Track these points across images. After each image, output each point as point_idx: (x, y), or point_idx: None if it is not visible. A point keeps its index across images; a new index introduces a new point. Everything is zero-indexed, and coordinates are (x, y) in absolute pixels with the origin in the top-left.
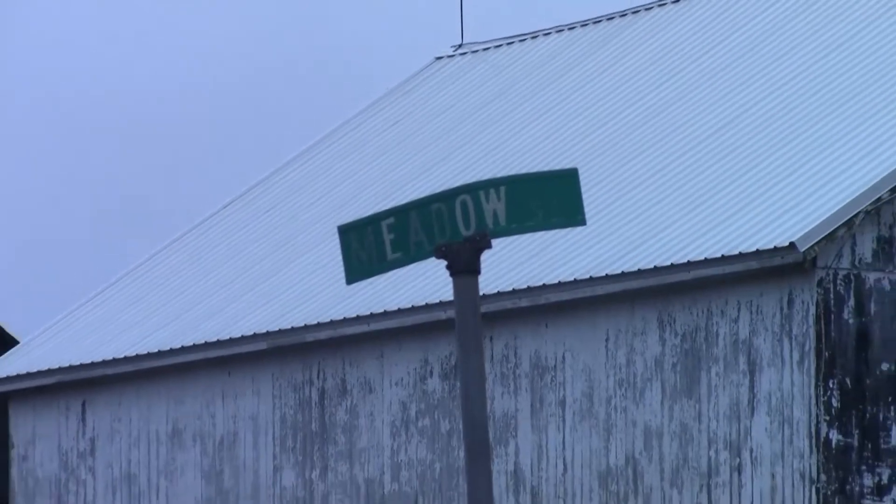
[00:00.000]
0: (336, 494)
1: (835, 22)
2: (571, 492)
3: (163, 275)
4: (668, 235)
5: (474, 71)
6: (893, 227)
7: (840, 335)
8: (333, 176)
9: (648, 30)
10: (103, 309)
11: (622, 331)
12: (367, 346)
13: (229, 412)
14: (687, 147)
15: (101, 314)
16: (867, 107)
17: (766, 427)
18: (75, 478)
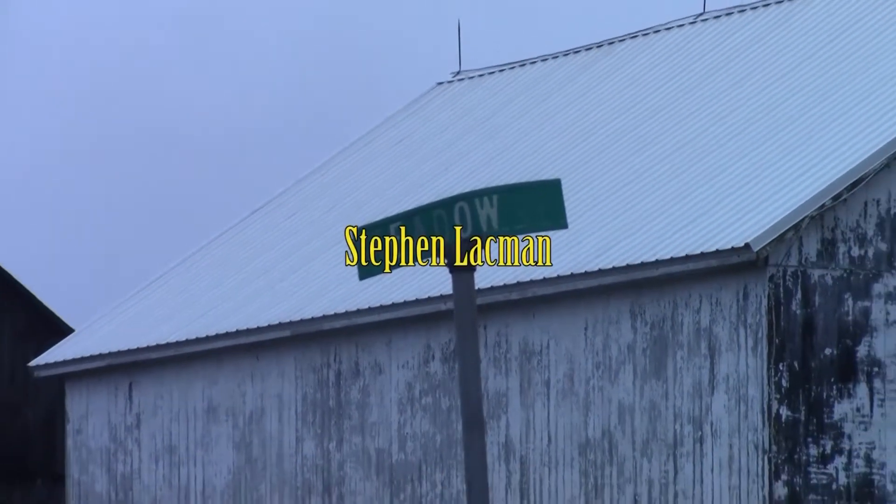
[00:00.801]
0: (350, 463)
1: (780, 55)
2: (555, 460)
3: (199, 272)
4: (638, 237)
5: (471, 94)
6: (835, 230)
7: (789, 324)
8: (346, 186)
9: (622, 58)
10: (147, 301)
11: (599, 320)
12: (377, 334)
13: (257, 391)
14: (655, 161)
15: (145, 306)
16: (809, 127)
17: (725, 404)
18: (123, 448)
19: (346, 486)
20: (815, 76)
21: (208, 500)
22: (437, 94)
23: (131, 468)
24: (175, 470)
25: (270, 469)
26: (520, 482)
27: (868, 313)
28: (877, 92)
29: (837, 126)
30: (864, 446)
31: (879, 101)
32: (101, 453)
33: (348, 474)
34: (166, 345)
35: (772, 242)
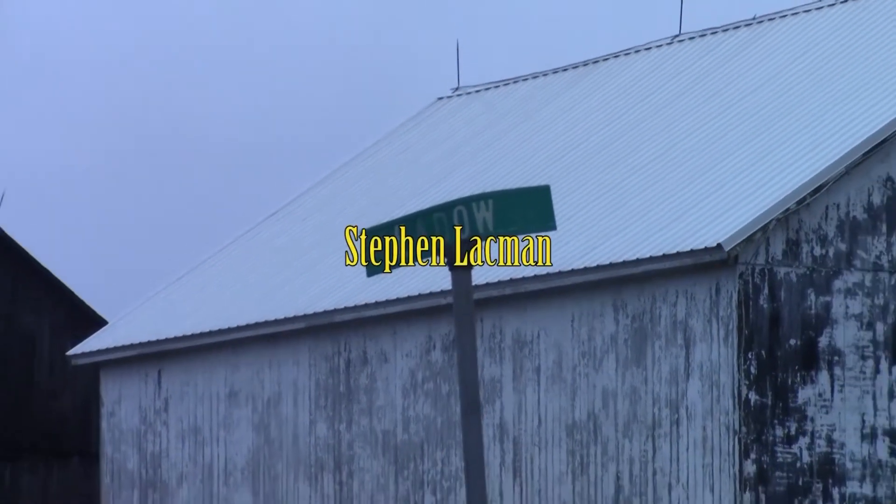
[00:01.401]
0: (359, 443)
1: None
2: (545, 440)
3: (221, 270)
4: (620, 238)
5: (469, 108)
6: (799, 231)
7: (757, 317)
8: (354, 192)
9: (606, 76)
10: (174, 296)
11: (584, 313)
12: (383, 326)
13: (274, 377)
14: (636, 169)
15: (172, 300)
16: (775, 139)
17: (699, 389)
18: (152, 430)
19: (356, 464)
20: (779, 93)
21: (230, 476)
22: (437, 108)
23: (160, 447)
24: (200, 449)
25: (286, 448)
26: (513, 461)
27: (829, 307)
28: (834, 108)
29: (800, 138)
30: (825, 428)
31: (837, 116)
32: (133, 434)
33: (357, 453)
34: (192, 335)
35: (741, 243)
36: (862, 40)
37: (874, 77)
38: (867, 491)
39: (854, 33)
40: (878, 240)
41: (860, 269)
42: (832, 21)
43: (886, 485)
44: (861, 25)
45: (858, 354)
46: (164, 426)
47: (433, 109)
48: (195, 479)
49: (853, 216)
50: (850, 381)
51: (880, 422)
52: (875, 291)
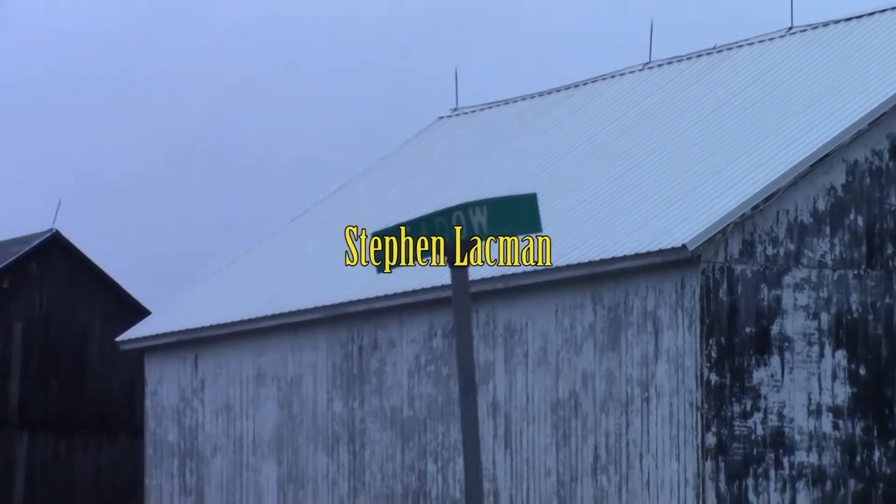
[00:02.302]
0: (370, 418)
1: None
2: (532, 416)
3: (249, 267)
4: (598, 239)
5: (466, 126)
6: (753, 234)
7: (717, 308)
8: (365, 199)
9: (586, 97)
10: (209, 289)
11: (567, 305)
12: (391, 316)
13: (296, 361)
14: (612, 179)
15: (207, 293)
16: (732, 153)
17: (666, 371)
18: (190, 407)
19: (367, 437)
20: (735, 113)
21: (258, 448)
22: (438, 126)
23: (196, 422)
24: (231, 423)
25: (307, 423)
26: (504, 434)
27: (780, 300)
28: (782, 127)
29: (754, 151)
30: (776, 405)
31: (787, 132)
32: (173, 411)
33: (368, 427)
34: (224, 324)
35: (703, 244)
36: (808, 67)
37: (818, 98)
38: (813, 460)
39: (801, 61)
40: (823, 241)
41: (807, 266)
42: (782, 50)
43: (830, 455)
44: (807, 54)
45: (805, 341)
46: (200, 404)
47: (435, 127)
48: (227, 450)
49: (800, 220)
50: (799, 364)
51: (825, 400)
52: (820, 286)
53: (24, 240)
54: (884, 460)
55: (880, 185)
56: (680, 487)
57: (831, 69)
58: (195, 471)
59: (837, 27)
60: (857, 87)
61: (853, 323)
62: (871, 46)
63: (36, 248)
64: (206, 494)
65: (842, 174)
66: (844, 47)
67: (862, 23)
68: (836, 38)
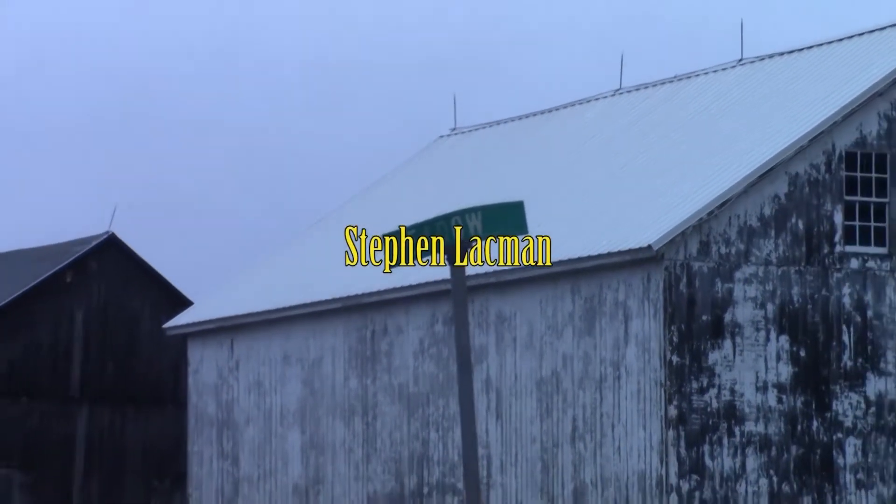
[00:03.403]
0: (381, 393)
1: (670, 117)
2: (519, 392)
3: (277, 264)
4: (576, 240)
5: (464, 144)
6: (709, 235)
7: (678, 299)
8: (376, 207)
9: (566, 118)
10: (241, 284)
11: (549, 296)
12: (400, 305)
13: (318, 344)
14: (588, 188)
15: (240, 286)
16: (690, 166)
17: (635, 353)
18: (227, 384)
19: (378, 409)
20: (693, 132)
21: (284, 419)
22: (439, 144)
23: (232, 397)
24: (262, 398)
25: (326, 398)
26: (496, 407)
27: (732, 292)
28: (734, 144)
29: (709, 165)
30: (728, 382)
31: (736, 150)
32: (212, 387)
33: (379, 401)
34: (256, 313)
35: (666, 244)
36: (755, 92)
37: (764, 119)
38: (760, 429)
39: (749, 87)
40: (768, 242)
41: (754, 263)
42: (734, 79)
43: (774, 424)
44: (755, 82)
45: (754, 327)
46: (235, 381)
47: (436, 145)
48: (258, 421)
49: (749, 224)
50: (748, 347)
51: (770, 377)
52: (766, 280)
53: (85, 241)
54: (821, 430)
55: (817, 194)
56: (646, 453)
57: (775, 94)
58: (231, 438)
59: (781, 59)
60: (798, 110)
61: (794, 312)
62: (810, 75)
63: (94, 248)
64: (240, 458)
65: (784, 184)
66: (787, 76)
67: (802, 55)
68: (780, 68)
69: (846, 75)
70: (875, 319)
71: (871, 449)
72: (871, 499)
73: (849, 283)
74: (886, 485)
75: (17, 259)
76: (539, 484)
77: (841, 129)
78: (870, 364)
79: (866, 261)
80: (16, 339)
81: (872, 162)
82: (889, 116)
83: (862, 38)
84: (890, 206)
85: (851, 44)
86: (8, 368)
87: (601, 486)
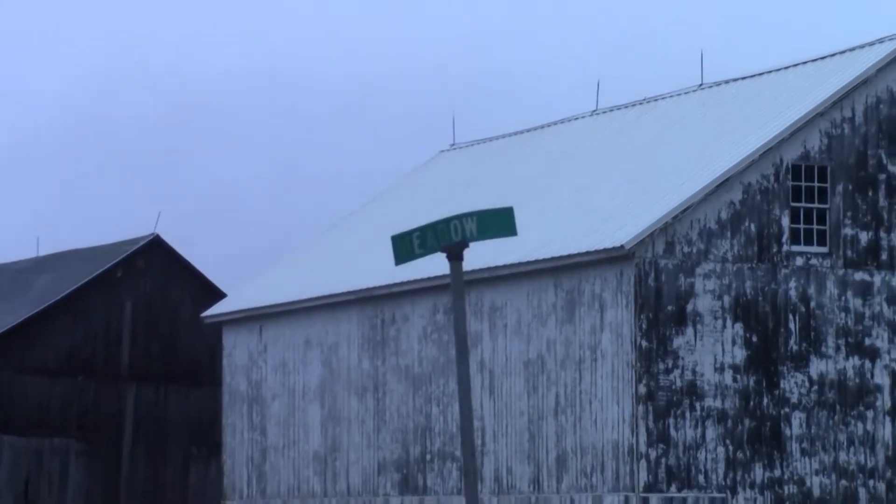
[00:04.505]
0: (389, 373)
1: (639, 135)
2: (509, 371)
3: (299, 262)
4: (559, 241)
5: (462, 158)
6: (674, 236)
7: (647, 291)
8: (385, 212)
9: (549, 136)
10: (268, 278)
11: (535, 289)
12: (406, 297)
13: (335, 330)
14: (569, 196)
15: (267, 281)
16: (657, 177)
17: (609, 338)
18: (256, 365)
19: (387, 387)
20: (659, 147)
21: (306, 395)
22: (440, 157)
23: (261, 376)
24: (287, 377)
25: (343, 377)
26: (489, 384)
27: (693, 285)
28: (696, 158)
29: (674, 176)
30: (691, 363)
31: (697, 163)
32: (243, 368)
33: (389, 380)
34: (281, 303)
35: (637, 244)
36: (714, 113)
37: (722, 136)
38: (718, 405)
39: (709, 109)
40: (725, 242)
41: (713, 260)
42: (695, 101)
43: (730, 400)
44: (713, 104)
45: (712, 316)
46: (264, 363)
47: (437, 159)
48: (283, 397)
49: (708, 227)
50: (707, 333)
51: (726, 360)
52: (723, 275)
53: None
54: (770, 405)
55: (767, 201)
56: (619, 425)
57: (731, 115)
58: (259, 412)
59: (737, 83)
60: (750, 128)
61: (747, 303)
62: (761, 98)
63: (142, 248)
64: (267, 430)
65: (739, 192)
66: (741, 99)
67: (755, 80)
68: (735, 92)
69: (792, 98)
70: (817, 309)
71: (813, 422)
72: (813, 465)
73: (794, 278)
74: (827, 453)
75: (75, 257)
76: (526, 452)
77: (788, 144)
78: (812, 348)
79: (809, 259)
80: (74, 327)
81: (815, 173)
82: (829, 133)
83: (806, 66)
84: (830, 211)
85: (797, 71)
86: (67, 352)
87: (580, 454)
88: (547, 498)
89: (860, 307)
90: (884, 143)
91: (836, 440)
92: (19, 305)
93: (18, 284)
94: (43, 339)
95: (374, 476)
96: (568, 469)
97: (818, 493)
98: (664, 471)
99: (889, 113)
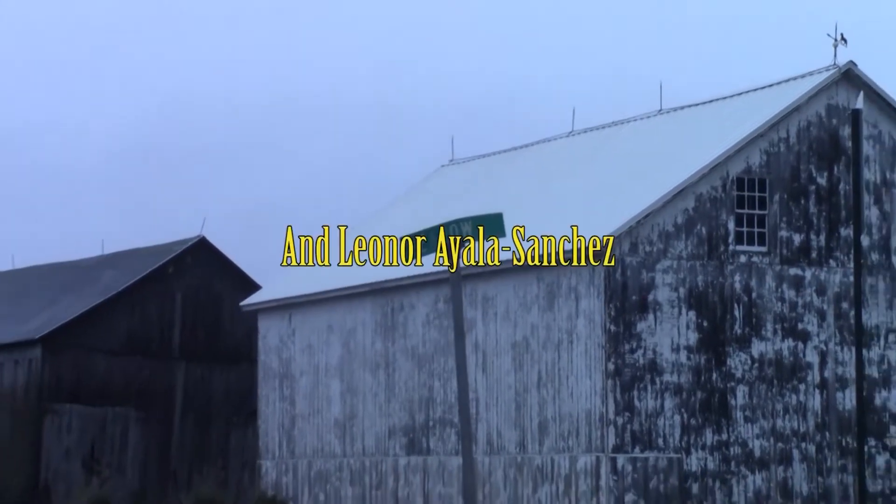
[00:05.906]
0: (398, 353)
1: (611, 152)
2: (499, 352)
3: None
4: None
5: (460, 172)
6: (637, 238)
7: (615, 284)
8: (391, 220)
9: (534, 153)
10: (296, 272)
11: (521, 283)
12: (412, 289)
13: (352, 317)
14: (549, 204)
15: (296, 274)
16: (622, 189)
17: (584, 323)
18: (286, 346)
19: (396, 365)
20: (626, 163)
21: (328, 372)
22: (439, 172)
23: (290, 356)
24: (312, 357)
25: (359, 356)
26: (482, 363)
27: (654, 279)
28: (656, 172)
29: (638, 187)
30: (651, 344)
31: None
32: (275, 349)
33: (398, 359)
34: (308, 294)
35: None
36: (672, 135)
37: (678, 153)
38: (674, 379)
39: (668, 131)
40: (680, 242)
41: (670, 258)
42: (655, 125)
43: (685, 376)
44: (672, 127)
45: (670, 305)
46: (293, 344)
47: (437, 173)
48: (309, 373)
49: (667, 229)
50: (666, 319)
51: (682, 341)
52: (679, 271)
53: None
54: (718, 379)
55: (716, 208)
56: (592, 397)
57: (687, 135)
58: (289, 386)
59: (693, 109)
60: (702, 146)
61: (699, 294)
62: (711, 121)
63: (190, 247)
64: (296, 401)
65: (692, 201)
66: (697, 121)
67: (706, 106)
68: (690, 116)
69: (738, 121)
70: (758, 299)
71: (755, 394)
72: (755, 429)
73: (739, 273)
74: (766, 419)
75: (133, 255)
76: (514, 419)
77: (733, 160)
78: (754, 332)
79: (751, 257)
80: (132, 314)
81: (756, 184)
82: (768, 151)
83: (749, 94)
84: (768, 216)
85: (742, 98)
86: (127, 335)
87: (559, 421)
88: (531, 458)
89: (794, 297)
90: (814, 159)
91: (774, 409)
92: (87, 296)
93: (86, 278)
94: (107, 324)
95: (386, 439)
96: (549, 433)
97: (759, 453)
98: (629, 435)
99: (818, 134)
